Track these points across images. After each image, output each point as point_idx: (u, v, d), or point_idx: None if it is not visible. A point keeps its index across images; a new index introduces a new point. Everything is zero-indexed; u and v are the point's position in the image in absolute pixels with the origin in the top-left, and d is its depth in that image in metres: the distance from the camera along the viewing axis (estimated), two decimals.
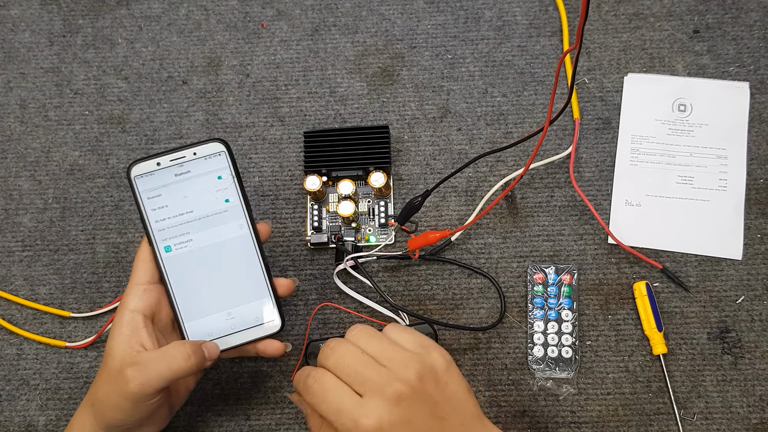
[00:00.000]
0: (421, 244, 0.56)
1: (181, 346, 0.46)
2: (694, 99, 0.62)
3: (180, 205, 0.49)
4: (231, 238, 0.50)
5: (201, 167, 0.49)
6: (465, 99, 0.63)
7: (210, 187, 0.49)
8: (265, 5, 0.66)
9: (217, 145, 0.49)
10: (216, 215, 0.50)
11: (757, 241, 0.59)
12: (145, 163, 0.48)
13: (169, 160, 0.49)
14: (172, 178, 0.49)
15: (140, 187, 0.49)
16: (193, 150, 0.49)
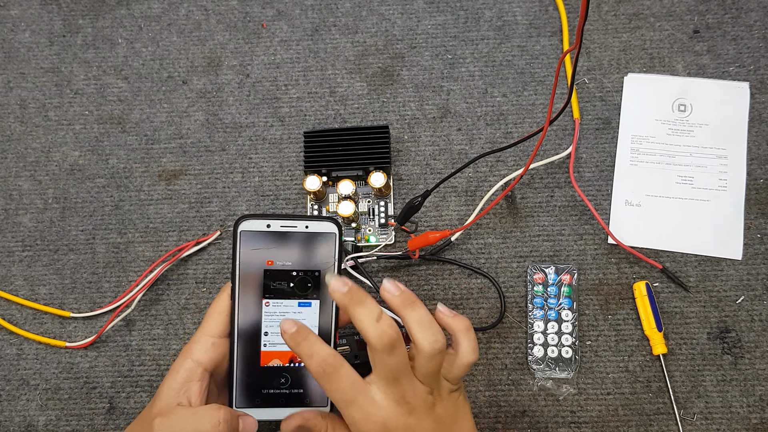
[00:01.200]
0: (421, 244, 0.56)
1: (216, 411, 0.43)
2: (694, 99, 0.62)
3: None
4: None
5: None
6: (465, 99, 0.63)
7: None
8: (265, 5, 0.66)
9: (330, 226, 0.47)
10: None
11: (757, 241, 0.59)
12: (256, 221, 0.47)
13: (279, 225, 0.47)
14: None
15: (243, 241, 0.47)
16: (306, 223, 0.47)
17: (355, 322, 0.42)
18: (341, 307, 0.43)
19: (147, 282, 0.59)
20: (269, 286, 0.47)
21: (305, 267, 0.47)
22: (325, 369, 0.42)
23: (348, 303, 0.42)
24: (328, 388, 0.42)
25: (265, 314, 0.47)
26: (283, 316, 0.47)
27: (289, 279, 0.47)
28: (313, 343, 0.43)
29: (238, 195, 0.62)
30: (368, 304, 0.42)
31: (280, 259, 0.47)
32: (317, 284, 0.47)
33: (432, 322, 0.42)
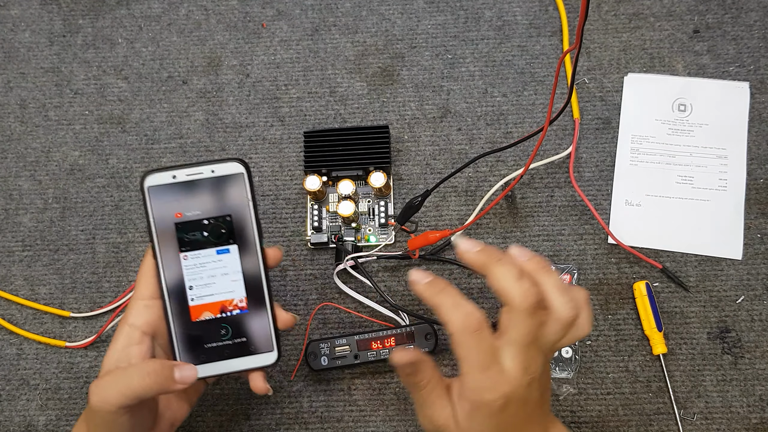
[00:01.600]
0: (421, 244, 0.56)
1: (144, 364, 0.42)
2: (694, 99, 0.62)
3: None
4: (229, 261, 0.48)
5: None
6: (465, 99, 0.63)
7: None
8: (265, 5, 0.66)
9: (236, 166, 0.46)
10: None
11: (757, 241, 0.59)
12: (159, 174, 0.46)
13: (185, 174, 0.46)
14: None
15: (153, 197, 0.46)
16: (211, 167, 0.46)
17: (495, 281, 0.40)
18: (476, 269, 0.41)
19: None
20: (183, 239, 0.46)
21: (217, 213, 0.46)
22: (469, 325, 0.39)
23: (486, 261, 0.40)
24: (467, 346, 0.39)
25: (186, 268, 0.46)
26: (203, 267, 0.47)
27: (202, 228, 0.46)
28: (453, 294, 0.40)
29: None
30: (507, 261, 0.40)
31: (190, 209, 0.46)
32: (232, 229, 0.46)
33: (568, 289, 0.41)
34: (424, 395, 0.42)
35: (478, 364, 0.39)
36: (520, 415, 0.40)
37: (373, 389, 0.57)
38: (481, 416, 0.40)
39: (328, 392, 0.57)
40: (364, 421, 0.57)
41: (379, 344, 0.56)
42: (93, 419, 0.43)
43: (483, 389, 0.39)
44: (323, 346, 0.56)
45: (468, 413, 0.40)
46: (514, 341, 0.39)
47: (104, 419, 0.42)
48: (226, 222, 0.47)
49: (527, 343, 0.39)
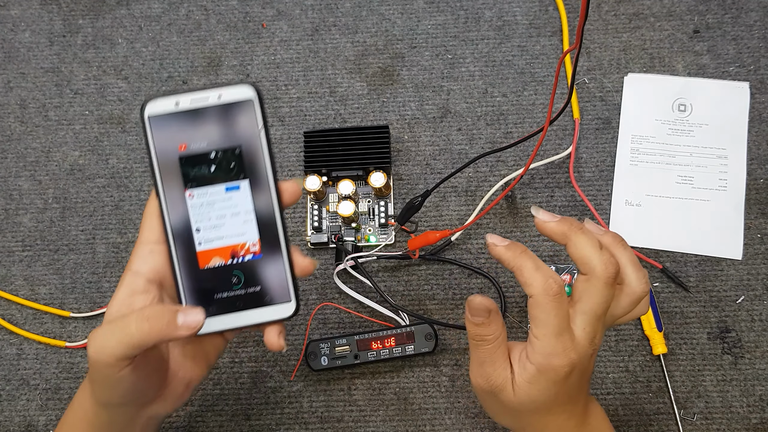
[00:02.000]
0: (421, 244, 0.56)
1: (143, 309, 0.38)
2: (694, 99, 0.62)
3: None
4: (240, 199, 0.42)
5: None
6: (465, 99, 0.63)
7: None
8: (265, 5, 0.66)
9: (246, 90, 0.41)
10: None
11: (757, 241, 0.59)
12: (161, 101, 0.40)
13: (189, 100, 0.40)
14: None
15: (154, 128, 0.41)
16: (218, 92, 0.41)
17: (576, 249, 0.40)
18: (556, 238, 0.41)
19: None
20: (188, 174, 0.41)
21: (225, 145, 0.41)
22: (550, 287, 0.39)
23: (567, 230, 0.40)
24: (546, 309, 0.39)
25: (192, 207, 0.41)
26: (211, 206, 0.41)
27: (209, 162, 0.41)
28: (533, 257, 0.40)
29: None
30: (587, 231, 0.40)
31: (195, 141, 0.41)
32: (242, 162, 0.41)
33: (641, 266, 0.41)
34: (488, 351, 0.41)
35: (553, 329, 0.39)
36: (576, 386, 0.41)
37: (373, 389, 0.57)
38: (544, 381, 0.39)
39: (328, 392, 0.57)
40: (364, 421, 0.57)
41: (379, 344, 0.56)
42: (94, 376, 0.39)
43: (553, 354, 0.39)
44: (323, 346, 0.56)
45: (532, 376, 0.40)
46: (588, 310, 0.39)
47: (104, 374, 0.38)
48: (236, 155, 0.41)
49: (600, 314, 0.40)
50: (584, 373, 0.41)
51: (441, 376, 0.57)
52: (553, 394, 0.40)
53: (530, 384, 0.40)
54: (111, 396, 0.40)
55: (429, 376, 0.57)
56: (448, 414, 0.57)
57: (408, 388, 0.57)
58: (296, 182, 0.43)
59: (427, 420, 0.57)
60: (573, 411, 0.42)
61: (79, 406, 0.43)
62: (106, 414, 0.42)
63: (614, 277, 0.39)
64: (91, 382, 0.40)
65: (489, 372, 0.41)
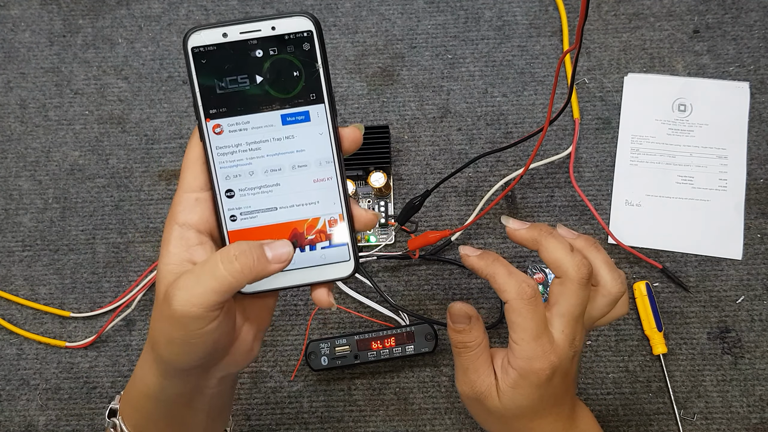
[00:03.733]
0: (421, 244, 0.56)
1: (226, 249, 0.34)
2: (694, 99, 0.62)
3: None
4: (305, 141, 0.37)
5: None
6: (465, 99, 0.63)
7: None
8: (265, 5, 0.66)
9: (303, 22, 0.35)
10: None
11: (757, 241, 0.59)
12: (207, 31, 0.35)
13: (238, 32, 0.35)
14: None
15: (195, 61, 0.35)
16: (271, 24, 0.35)
17: (548, 253, 0.41)
18: (528, 244, 0.42)
19: (147, 282, 0.59)
20: (217, 91, 0.35)
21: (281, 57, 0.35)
22: (524, 292, 0.39)
23: (537, 236, 0.42)
24: (522, 314, 0.39)
25: (219, 152, 0.35)
26: (258, 150, 0.35)
27: (255, 65, 0.35)
28: (506, 264, 0.41)
29: None
30: (557, 235, 0.42)
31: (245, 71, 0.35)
32: (311, 79, 0.35)
33: (616, 267, 0.42)
34: (471, 358, 0.42)
35: (531, 332, 0.39)
36: (560, 388, 0.41)
37: (373, 389, 0.57)
38: (527, 385, 0.40)
39: (328, 392, 0.57)
40: (364, 421, 0.57)
41: (379, 344, 0.56)
42: (175, 336, 0.35)
43: (533, 357, 0.39)
44: (323, 346, 0.56)
45: (514, 381, 0.40)
46: (565, 313, 0.40)
47: (190, 331, 0.34)
48: (298, 64, 0.35)
49: (577, 315, 0.40)
50: (567, 375, 0.41)
51: (441, 376, 0.57)
52: (537, 398, 0.40)
53: (514, 389, 0.40)
54: (189, 358, 0.36)
55: (429, 376, 0.57)
56: (448, 414, 0.57)
57: (408, 388, 0.57)
58: (357, 127, 0.38)
59: (427, 420, 0.57)
60: (559, 414, 0.42)
61: (142, 382, 0.39)
62: (175, 383, 0.38)
63: (587, 278, 0.40)
64: (168, 345, 0.35)
65: (473, 379, 0.42)
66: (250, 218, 0.36)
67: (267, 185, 0.35)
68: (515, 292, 0.40)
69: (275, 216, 0.35)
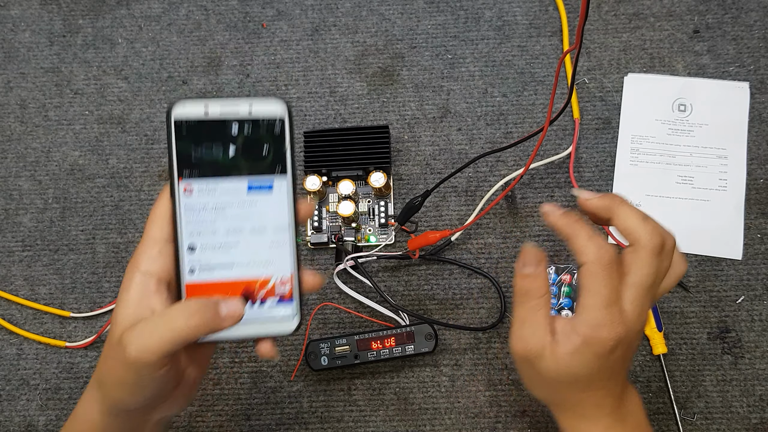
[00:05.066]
0: (421, 244, 0.56)
1: (184, 303, 0.37)
2: (694, 99, 0.62)
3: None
4: (265, 208, 0.39)
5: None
6: (465, 99, 0.63)
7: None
8: (265, 5, 0.66)
9: (278, 107, 0.38)
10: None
11: (757, 241, 0.59)
12: (191, 105, 0.37)
13: (219, 109, 0.38)
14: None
15: (176, 131, 0.38)
16: (249, 105, 0.38)
17: (621, 221, 0.39)
18: (601, 212, 0.40)
19: None
20: (193, 157, 0.37)
21: (253, 130, 0.37)
22: (602, 257, 0.38)
23: (610, 204, 0.40)
24: (597, 279, 0.38)
25: (187, 210, 0.37)
26: (222, 213, 0.37)
27: (228, 138, 0.37)
28: (588, 226, 0.40)
29: None
30: (629, 203, 0.40)
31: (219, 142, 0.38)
32: (281, 147, 0.37)
33: (647, 217, 0.41)
34: (530, 309, 0.40)
35: (603, 299, 0.38)
36: (619, 362, 0.40)
37: (373, 389, 0.57)
38: (588, 353, 0.39)
39: (328, 392, 0.57)
40: (364, 421, 0.57)
41: (379, 344, 0.56)
42: (126, 378, 0.37)
43: (601, 325, 0.38)
44: (323, 346, 0.56)
45: (575, 348, 0.39)
46: (637, 283, 0.39)
47: (141, 375, 0.36)
48: (271, 133, 0.38)
49: (648, 286, 0.39)
50: (629, 350, 0.40)
51: (441, 376, 0.57)
52: (596, 369, 0.39)
53: (572, 355, 0.39)
54: (136, 399, 0.38)
55: (429, 376, 0.57)
56: (448, 414, 0.57)
57: (408, 388, 0.57)
58: (311, 201, 0.40)
59: (427, 420, 0.57)
60: (611, 389, 0.41)
61: (84, 418, 0.41)
62: (117, 422, 0.40)
63: (660, 247, 0.39)
64: (119, 386, 0.38)
65: (527, 335, 0.40)
66: (207, 272, 0.38)
67: (227, 244, 0.38)
68: (594, 255, 0.38)
69: (231, 272, 0.38)
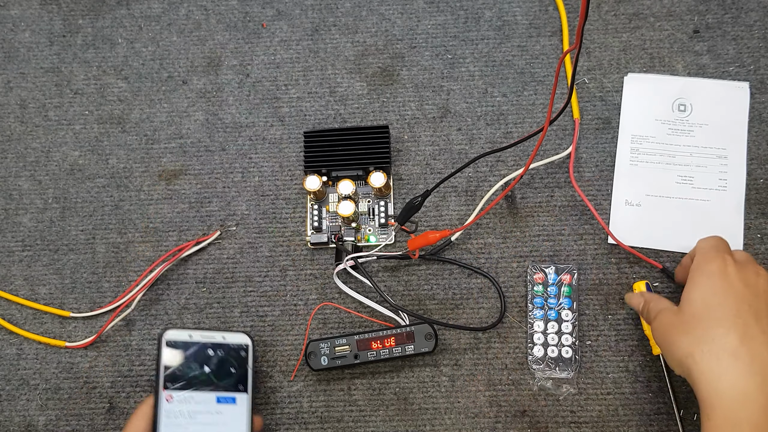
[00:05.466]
0: (421, 244, 0.56)
1: None
2: (694, 99, 0.62)
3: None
4: (229, 418, 0.51)
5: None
6: (465, 99, 0.63)
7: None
8: (265, 5, 0.66)
9: (244, 338, 0.53)
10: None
11: (757, 241, 0.59)
12: (179, 332, 0.51)
13: (200, 336, 0.52)
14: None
15: (165, 352, 0.50)
16: (223, 335, 0.52)
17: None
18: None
19: (147, 282, 0.59)
20: (177, 373, 0.49)
21: (225, 355, 0.51)
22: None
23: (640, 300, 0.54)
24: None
25: (166, 415, 0.48)
26: (195, 418, 0.48)
27: (205, 360, 0.50)
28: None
29: (238, 195, 0.62)
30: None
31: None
32: (245, 368, 0.51)
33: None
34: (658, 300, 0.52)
35: (709, 246, 0.52)
36: (739, 297, 0.47)
37: (373, 389, 0.57)
38: (703, 279, 0.49)
39: (328, 392, 0.57)
40: (364, 421, 0.57)
41: (379, 344, 0.56)
42: None
43: (708, 251, 0.51)
44: (323, 345, 0.56)
45: (691, 280, 0.50)
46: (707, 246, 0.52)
47: None
48: (239, 358, 0.52)
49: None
50: (742, 282, 0.47)
51: (441, 376, 0.57)
52: (713, 297, 0.47)
53: (689, 291, 0.48)
54: None
55: (429, 376, 0.57)
56: (448, 414, 0.57)
57: (408, 388, 0.57)
58: (260, 418, 0.53)
59: (427, 420, 0.57)
60: (734, 326, 0.45)
61: None
62: None
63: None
64: None
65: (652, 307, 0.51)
66: None
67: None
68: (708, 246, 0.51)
69: None
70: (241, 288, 0.60)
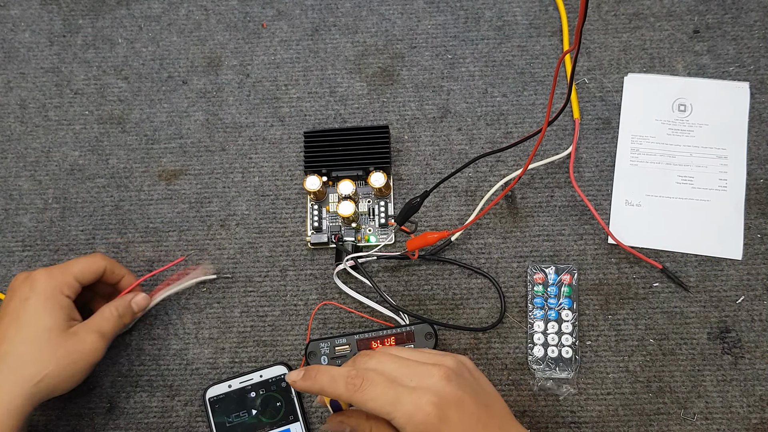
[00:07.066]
0: (420, 244, 0.56)
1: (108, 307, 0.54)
2: (694, 99, 0.62)
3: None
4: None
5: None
6: (465, 99, 0.63)
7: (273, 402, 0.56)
8: (265, 5, 0.66)
9: (280, 369, 0.56)
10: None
11: (757, 241, 0.59)
12: (218, 385, 0.56)
13: (239, 382, 0.55)
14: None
15: (211, 406, 0.55)
16: (260, 373, 0.56)
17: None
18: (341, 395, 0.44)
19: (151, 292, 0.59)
20: (227, 425, 0.54)
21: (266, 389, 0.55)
22: (353, 383, 0.43)
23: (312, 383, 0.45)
24: (368, 397, 0.42)
25: None
26: None
27: (250, 403, 0.55)
28: (327, 369, 0.45)
29: (238, 195, 0.62)
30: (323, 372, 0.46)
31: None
32: (291, 400, 0.55)
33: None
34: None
35: (390, 401, 0.42)
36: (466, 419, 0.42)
37: None
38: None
39: None
40: None
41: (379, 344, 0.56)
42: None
43: (409, 413, 0.42)
44: (323, 345, 0.56)
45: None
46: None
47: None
48: (283, 390, 0.55)
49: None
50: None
51: None
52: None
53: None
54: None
55: None
56: None
57: None
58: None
59: None
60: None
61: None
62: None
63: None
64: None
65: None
66: None
67: None
68: (343, 386, 0.43)
69: None
70: (241, 288, 0.60)
